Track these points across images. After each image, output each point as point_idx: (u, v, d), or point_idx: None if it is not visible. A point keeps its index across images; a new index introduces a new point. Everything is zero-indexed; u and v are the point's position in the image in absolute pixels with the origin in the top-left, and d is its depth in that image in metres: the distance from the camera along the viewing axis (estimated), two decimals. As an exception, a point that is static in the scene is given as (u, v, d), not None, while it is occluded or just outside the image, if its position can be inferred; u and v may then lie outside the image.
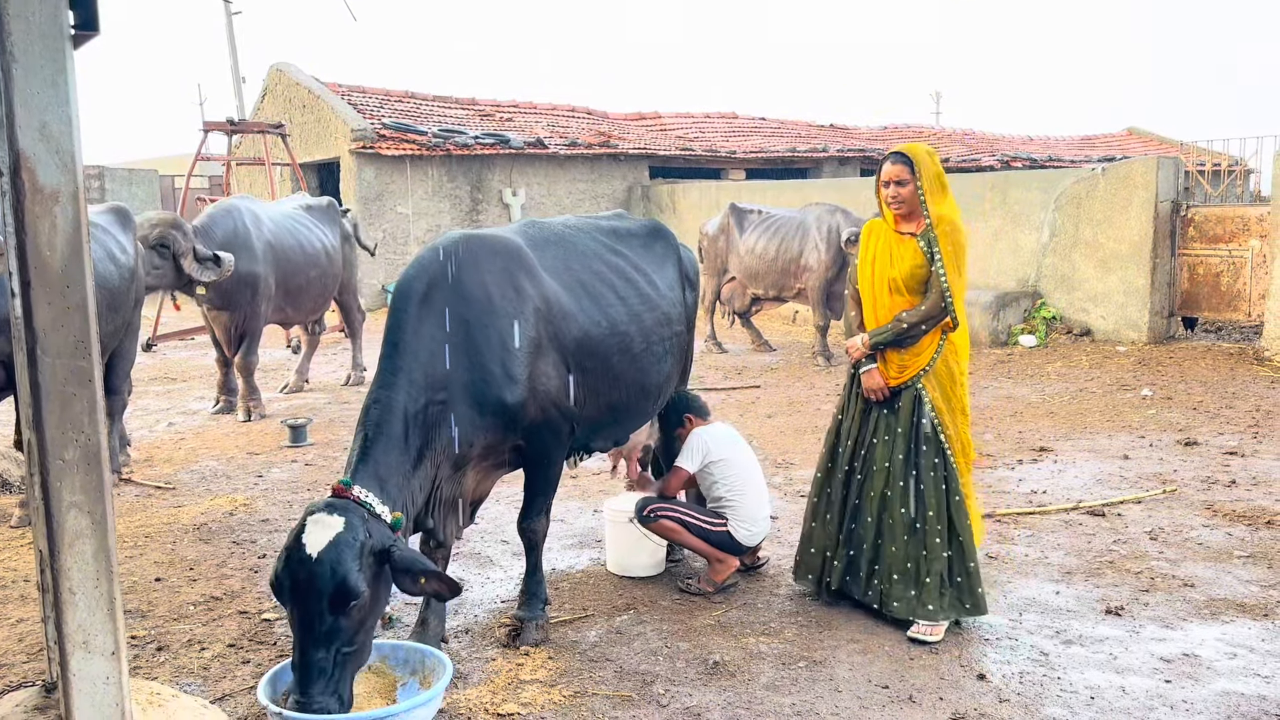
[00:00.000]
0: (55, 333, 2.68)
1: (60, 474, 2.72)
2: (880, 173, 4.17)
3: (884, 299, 4.19)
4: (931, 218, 4.07)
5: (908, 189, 4.07)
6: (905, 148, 4.14)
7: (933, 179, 4.09)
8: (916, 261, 4.09)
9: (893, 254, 4.16)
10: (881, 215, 4.27)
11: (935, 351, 4.14)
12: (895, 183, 4.08)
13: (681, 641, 4.06)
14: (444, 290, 3.70)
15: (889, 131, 25.92)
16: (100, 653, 2.80)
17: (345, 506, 3.16)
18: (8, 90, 2.57)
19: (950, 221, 4.08)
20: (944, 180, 4.14)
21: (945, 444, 4.12)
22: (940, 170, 4.14)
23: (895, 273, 4.14)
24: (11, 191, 2.64)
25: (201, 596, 4.60)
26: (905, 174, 4.07)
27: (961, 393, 4.20)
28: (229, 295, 8.36)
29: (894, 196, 4.10)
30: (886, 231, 4.21)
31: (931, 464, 4.10)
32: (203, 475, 6.80)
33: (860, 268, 4.33)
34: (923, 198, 4.06)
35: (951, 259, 4.06)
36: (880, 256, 4.21)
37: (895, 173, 4.09)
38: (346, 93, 17.61)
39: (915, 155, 4.09)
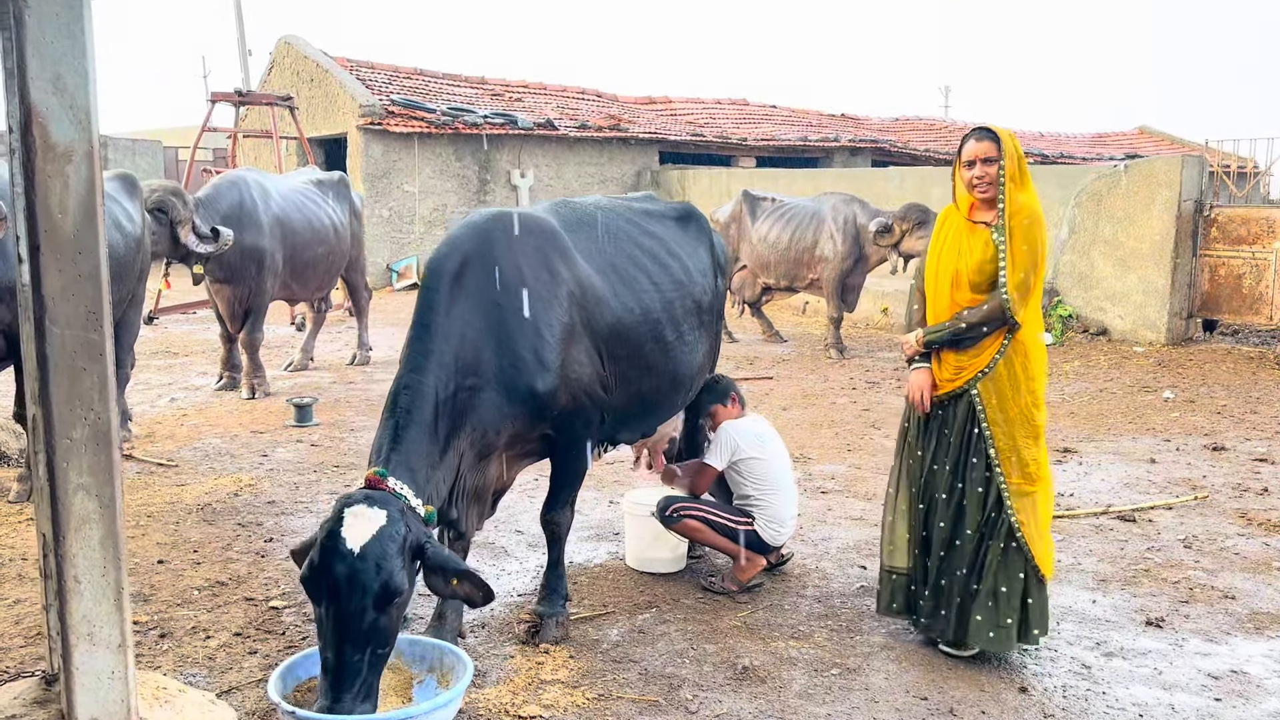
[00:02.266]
0: (65, 302, 2.50)
1: (67, 454, 2.54)
2: (961, 152, 3.79)
3: (946, 293, 3.84)
4: (1007, 207, 3.70)
5: (993, 169, 3.69)
6: (991, 125, 3.78)
7: (1015, 165, 3.71)
8: (985, 255, 3.74)
9: (962, 244, 3.81)
10: (955, 201, 3.89)
11: (996, 354, 3.76)
12: (982, 161, 3.70)
13: (708, 643, 3.89)
14: (477, 271, 3.52)
15: (900, 123, 25.67)
16: (106, 645, 2.63)
17: (384, 498, 2.97)
18: (19, 38, 2.38)
19: (1029, 213, 3.71)
20: (1025, 168, 3.76)
21: (993, 457, 3.74)
22: (1022, 156, 3.75)
23: (962, 265, 3.78)
24: (21, 148, 2.45)
25: (206, 581, 4.43)
26: (992, 151, 3.69)
27: (1027, 403, 3.76)
28: (234, 269, 8.16)
29: (980, 176, 3.71)
30: (958, 219, 3.85)
31: (982, 478, 3.76)
32: (206, 453, 6.62)
33: (928, 258, 3.97)
34: (1003, 183, 3.70)
35: (1023, 255, 3.68)
36: (949, 247, 3.85)
37: (982, 150, 3.71)
38: (355, 67, 17.35)
39: (1002, 135, 3.73)
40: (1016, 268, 3.70)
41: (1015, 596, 3.71)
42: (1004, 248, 3.72)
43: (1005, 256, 3.71)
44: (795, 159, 20.63)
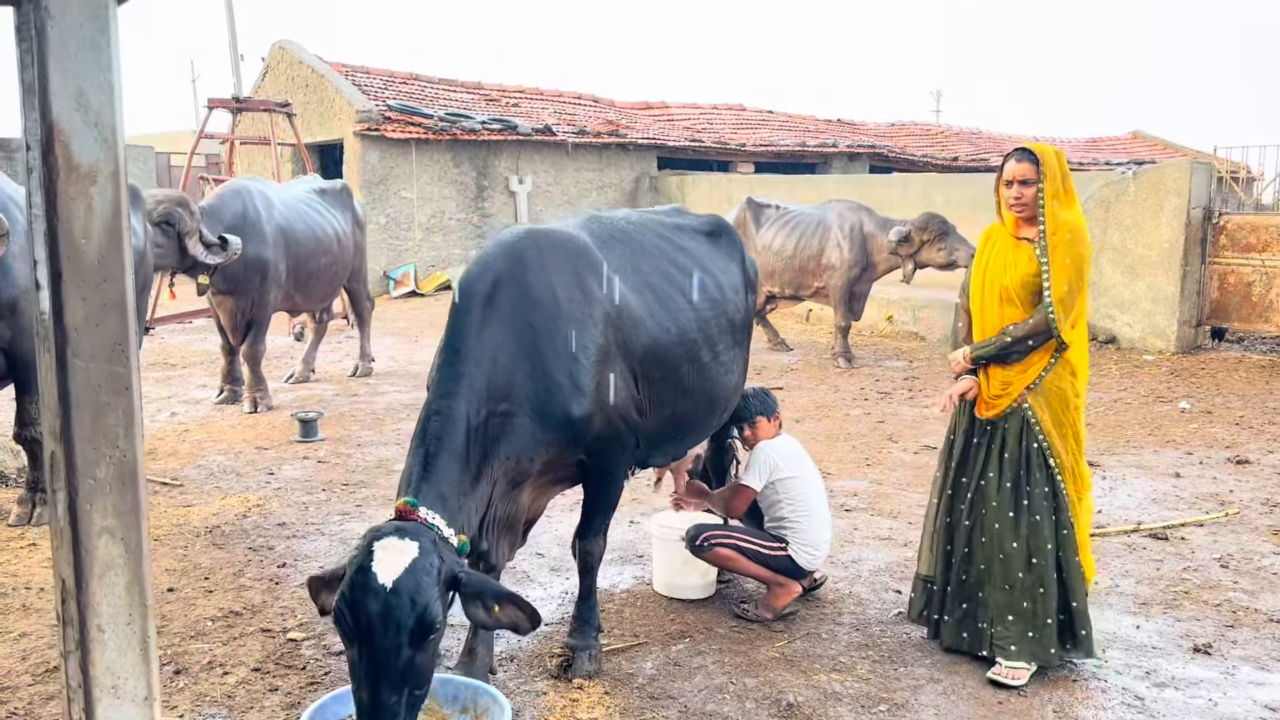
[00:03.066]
0: (89, 333, 2.33)
1: (91, 494, 2.37)
2: (1002, 171, 3.79)
3: (993, 309, 3.83)
4: (1048, 224, 3.70)
5: (1031, 190, 3.70)
6: (1032, 145, 3.77)
7: (1058, 183, 3.71)
8: (1030, 270, 3.73)
9: (1007, 260, 3.80)
10: (999, 218, 3.91)
11: (1044, 369, 3.76)
12: (1020, 182, 3.71)
13: (747, 677, 3.74)
14: (509, 292, 3.37)
15: (896, 128, 25.62)
16: (131, 699, 2.45)
17: (416, 530, 2.81)
18: (40, 50, 2.22)
19: (1071, 229, 3.70)
20: (1070, 185, 3.76)
21: (1055, 470, 3.77)
22: (1067, 174, 3.77)
23: (1008, 280, 3.77)
24: (42, 168, 2.28)
25: (219, 611, 4.26)
26: (1030, 173, 3.70)
27: (1075, 418, 3.82)
28: (237, 280, 7.99)
29: (1017, 197, 3.72)
30: (1003, 236, 3.86)
31: (1043, 492, 3.76)
32: (211, 471, 6.45)
33: (973, 274, 3.97)
34: (1042, 202, 3.70)
35: (1065, 271, 3.68)
36: (994, 263, 3.85)
37: (1021, 171, 3.72)
38: (351, 73, 17.18)
39: (1043, 155, 3.72)
40: (1059, 282, 3.71)
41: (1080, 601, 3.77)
42: (1046, 263, 3.71)
43: (1048, 272, 3.71)
44: (793, 165, 20.54)
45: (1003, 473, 3.82)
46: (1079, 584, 3.77)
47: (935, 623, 4.01)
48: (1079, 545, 3.82)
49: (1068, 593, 3.77)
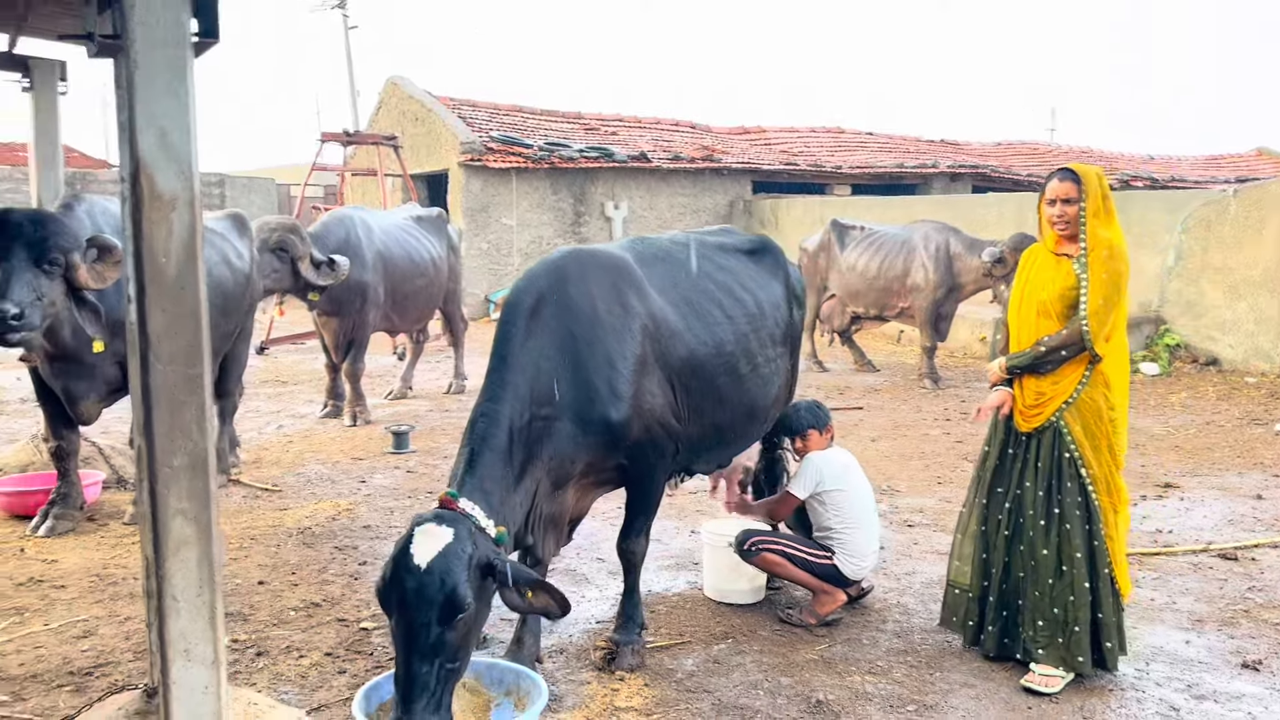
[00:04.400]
0: (168, 339, 2.69)
1: (168, 480, 2.73)
2: (1045, 190, 3.96)
3: (1030, 322, 3.98)
4: (1088, 241, 3.84)
5: (1073, 209, 3.86)
6: (1075, 166, 3.93)
7: (1099, 202, 3.86)
8: (1068, 284, 3.87)
9: (1046, 276, 3.96)
10: (1040, 236, 4.06)
11: (1079, 383, 3.87)
12: (1062, 201, 3.87)
13: (783, 676, 3.90)
14: (552, 305, 3.64)
15: (1002, 148, 25.20)
16: (201, 661, 2.80)
17: (453, 518, 3.10)
18: (130, 97, 2.60)
19: (1109, 246, 3.83)
20: (1111, 205, 3.91)
21: (1087, 480, 3.86)
22: (1109, 194, 3.92)
23: (1045, 295, 3.93)
24: (131, 197, 2.66)
25: (302, 602, 4.63)
26: (1073, 192, 3.85)
27: (1110, 429, 3.88)
28: (339, 302, 8.52)
29: (1059, 215, 3.88)
30: (1044, 253, 4.02)
31: (1075, 502, 3.85)
32: (308, 479, 6.91)
33: (1013, 291, 4.15)
34: (1084, 220, 3.84)
35: (1103, 286, 3.79)
36: (1034, 279, 4.01)
37: (1062, 190, 3.87)
38: (457, 106, 17.93)
39: (1084, 175, 3.87)
40: (1095, 295, 3.83)
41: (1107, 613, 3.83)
42: (1085, 278, 3.81)
43: (1086, 285, 3.82)
44: (892, 186, 20.43)
45: (1037, 481, 3.91)
46: (1107, 596, 3.81)
47: (973, 630, 4.09)
48: (1113, 558, 3.86)
49: (1096, 604, 3.81)
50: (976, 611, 4.08)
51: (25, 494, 5.95)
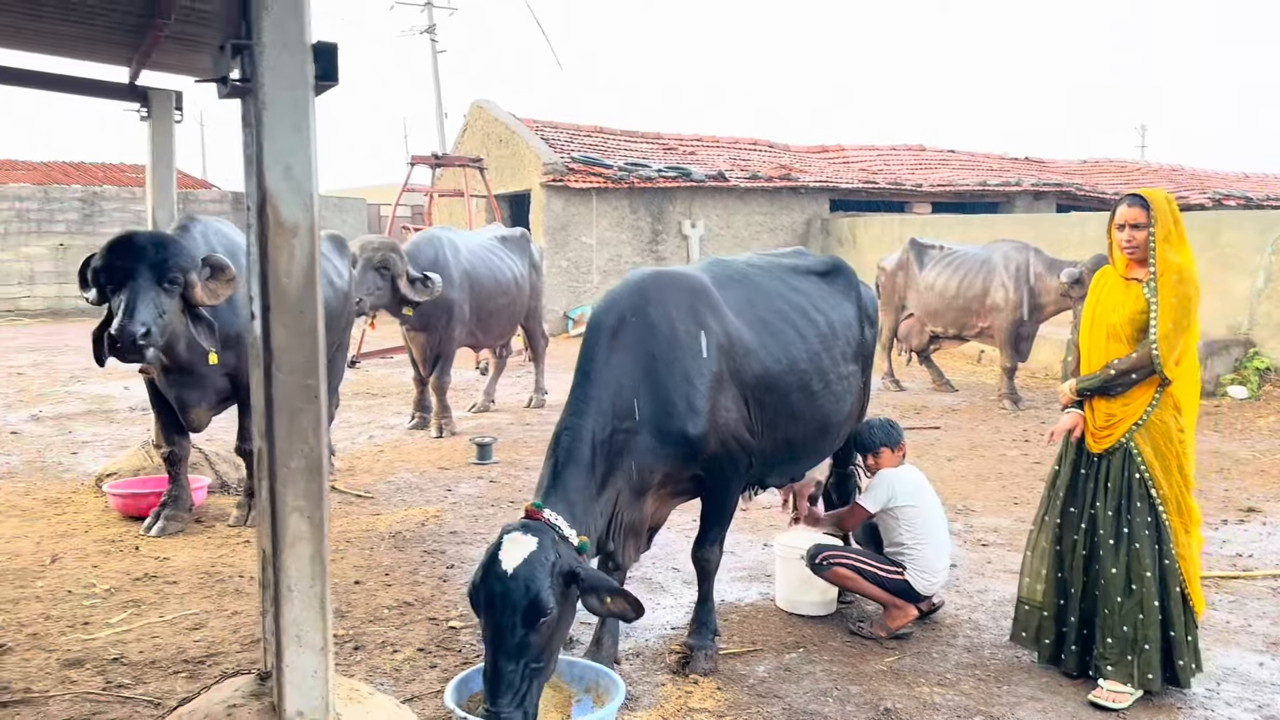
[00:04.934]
0: (289, 352, 2.97)
1: (286, 480, 3.00)
2: (1114, 215, 4.05)
3: (1100, 345, 4.07)
4: (1157, 265, 3.92)
5: (1142, 234, 3.94)
6: (1144, 191, 4.02)
7: (1169, 227, 3.94)
8: (1137, 307, 3.95)
9: (1116, 299, 4.04)
10: (1110, 259, 4.15)
11: (1149, 405, 3.95)
12: (1131, 226, 3.96)
13: (852, 685, 4.03)
14: (633, 324, 3.85)
15: (1089, 165, 24.78)
16: (311, 647, 3.06)
17: (538, 528, 3.31)
18: (258, 135, 2.89)
19: (1179, 270, 3.91)
20: (1182, 230, 3.98)
21: (1157, 501, 3.93)
22: (1179, 218, 3.98)
23: (1115, 318, 4.01)
24: (257, 225, 2.95)
25: (395, 601, 4.91)
26: (1141, 217, 3.94)
27: (1180, 450, 3.96)
28: (428, 318, 8.88)
29: (1128, 240, 3.97)
30: (1114, 277, 4.10)
31: (1145, 522, 3.92)
32: (398, 486, 7.24)
33: (1083, 313, 4.23)
34: (1153, 245, 3.93)
35: (1172, 310, 3.88)
36: (1104, 301, 4.10)
37: (1131, 216, 3.96)
38: (540, 128, 18.37)
39: (1153, 200, 3.95)
40: (1164, 319, 3.91)
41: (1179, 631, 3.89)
42: (1154, 301, 3.88)
43: (1155, 309, 3.88)
44: (974, 204, 20.26)
45: (1106, 501, 3.99)
46: (1179, 614, 3.86)
47: (1050, 648, 4.15)
48: (1186, 577, 3.91)
49: (1168, 622, 3.86)
50: (1052, 629, 4.14)
51: (139, 496, 6.36)
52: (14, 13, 5.58)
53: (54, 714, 3.73)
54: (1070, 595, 4.08)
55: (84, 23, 5.62)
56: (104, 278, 5.22)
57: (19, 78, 6.52)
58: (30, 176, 21.72)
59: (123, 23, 5.45)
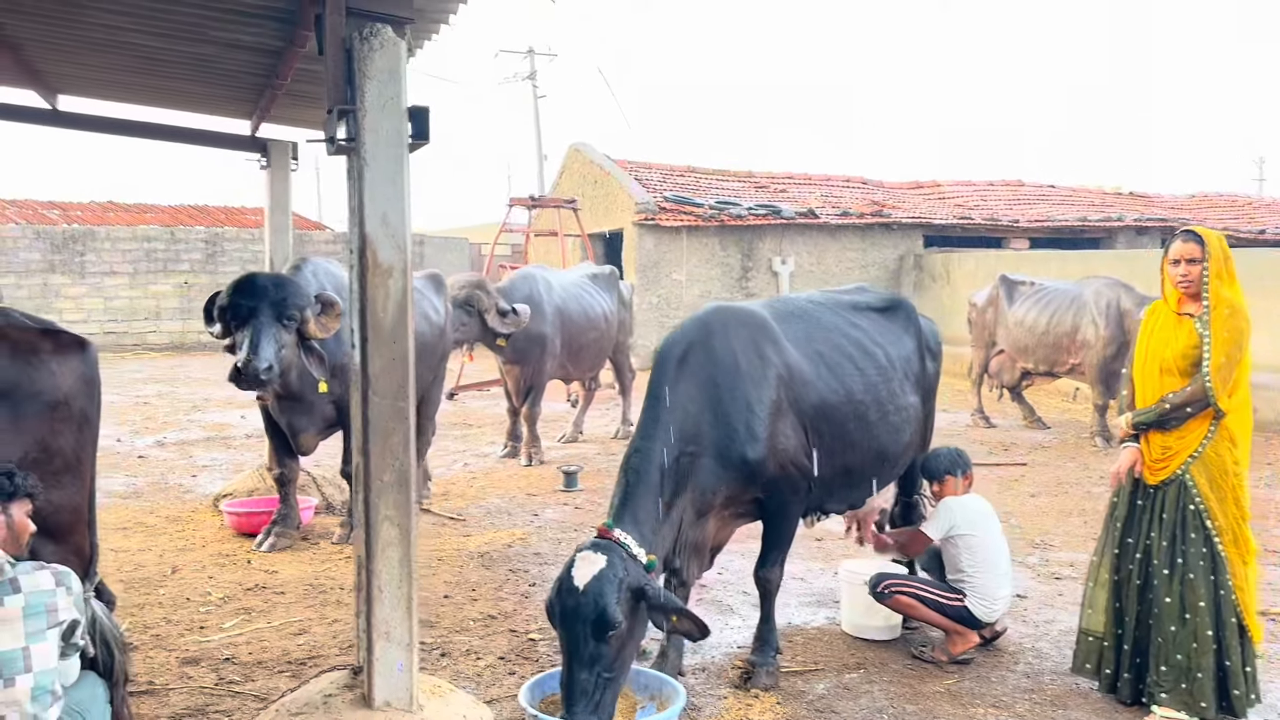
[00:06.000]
0: (383, 378, 3.36)
1: (379, 492, 3.37)
2: (1168, 251, 4.16)
3: (1154, 379, 4.17)
4: (1210, 300, 4.03)
5: (1197, 269, 4.05)
6: (1198, 229, 4.15)
7: (1221, 263, 4.05)
8: (1191, 342, 4.05)
9: (1169, 334, 4.15)
10: (1163, 295, 4.26)
11: (1204, 438, 4.03)
12: (1187, 261, 4.07)
13: (909, 704, 4.18)
14: (698, 355, 4.13)
15: (1196, 200, 24.10)
16: (398, 643, 3.41)
17: (608, 546, 3.60)
18: (360, 187, 3.30)
19: (1231, 305, 4.02)
20: (1233, 268, 4.09)
21: (1212, 532, 4.00)
22: (1230, 256, 4.10)
23: (1168, 353, 4.11)
24: (358, 266, 3.35)
25: (480, 614, 5.25)
26: (1196, 253, 4.06)
27: (1235, 483, 4.03)
28: (522, 352, 9.32)
29: (1184, 275, 4.08)
30: (1166, 312, 4.21)
31: (1199, 553, 4.00)
32: (488, 510, 7.62)
33: (1136, 348, 4.34)
34: (1206, 280, 4.04)
35: (1224, 344, 3.98)
36: (1157, 336, 4.21)
37: (1186, 251, 4.08)
38: (634, 169, 18.89)
39: (1207, 237, 4.09)
40: (1218, 353, 4.00)
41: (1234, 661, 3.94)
42: (1207, 336, 3.98)
43: (1208, 343, 3.97)
44: (1073, 240, 19.95)
45: (1161, 532, 4.07)
46: (1234, 644, 3.91)
47: (1109, 678, 4.24)
48: (1242, 607, 3.96)
49: (1225, 652, 3.92)
50: (1112, 659, 4.22)
51: (252, 515, 6.88)
52: (156, 74, 6.23)
53: (174, 704, 4.16)
54: (1125, 624, 4.17)
55: (215, 83, 6.24)
56: (229, 315, 5.75)
57: (157, 132, 7.22)
58: (158, 218, 23.25)
59: (248, 82, 6.04)
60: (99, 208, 23.86)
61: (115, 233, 20.76)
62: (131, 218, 23.06)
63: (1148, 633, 4.10)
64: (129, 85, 6.51)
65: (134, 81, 6.37)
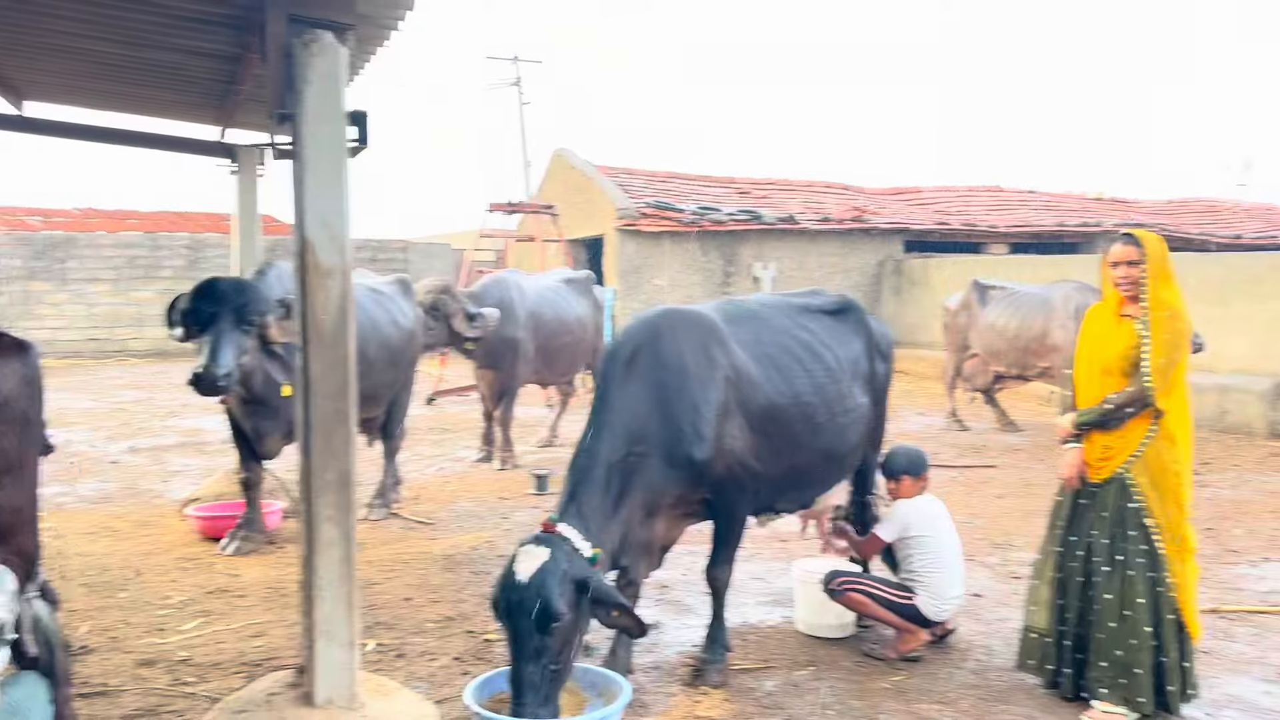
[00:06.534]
0: (324, 380, 3.40)
1: (320, 492, 3.42)
2: (1109, 254, 4.24)
3: (1095, 380, 4.23)
4: (1150, 302, 4.10)
5: (1136, 271, 4.12)
6: (1136, 231, 4.22)
7: (1159, 265, 4.11)
8: (1131, 343, 4.11)
9: (1110, 336, 4.22)
10: (1103, 297, 4.33)
11: (1145, 438, 4.09)
12: (1126, 264, 4.14)
13: (854, 700, 4.23)
14: (646, 357, 4.18)
15: (1175, 205, 24.29)
16: (339, 642, 3.45)
17: (551, 540, 3.66)
18: (299, 190, 3.34)
19: (1169, 307, 4.09)
20: (1170, 269, 4.16)
21: (1152, 530, 4.06)
22: (1167, 256, 4.16)
23: (1109, 354, 4.18)
24: (299, 268, 3.40)
25: (439, 616, 5.28)
26: (1135, 255, 4.12)
27: (1175, 483, 4.09)
28: (495, 356, 9.35)
29: (1123, 278, 4.15)
30: (1108, 314, 4.28)
31: (1139, 550, 4.06)
32: (458, 514, 7.66)
33: (1078, 350, 4.40)
34: (1145, 282, 4.11)
35: (1164, 345, 4.04)
36: (1098, 338, 4.27)
37: (1125, 254, 4.15)
38: (616, 174, 18.96)
39: (1145, 239, 4.16)
40: (1157, 353, 4.06)
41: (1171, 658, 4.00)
42: (1147, 337, 4.04)
43: (1148, 344, 4.04)
44: (1051, 245, 20.08)
45: (1103, 530, 4.13)
46: (1172, 640, 3.97)
47: (1051, 674, 4.30)
48: (1180, 604, 4.02)
49: (1163, 649, 3.97)
50: (1055, 656, 4.28)
51: (218, 519, 6.90)
52: (120, 80, 6.27)
53: (125, 705, 4.18)
54: (1068, 620, 4.23)
55: (179, 89, 6.28)
56: (190, 320, 5.77)
57: (124, 137, 7.25)
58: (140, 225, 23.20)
59: (211, 88, 6.08)
60: (80, 214, 23.81)
61: (97, 239, 20.74)
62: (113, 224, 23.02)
63: (1089, 629, 4.16)
64: (94, 91, 6.55)
65: (99, 88, 6.41)
